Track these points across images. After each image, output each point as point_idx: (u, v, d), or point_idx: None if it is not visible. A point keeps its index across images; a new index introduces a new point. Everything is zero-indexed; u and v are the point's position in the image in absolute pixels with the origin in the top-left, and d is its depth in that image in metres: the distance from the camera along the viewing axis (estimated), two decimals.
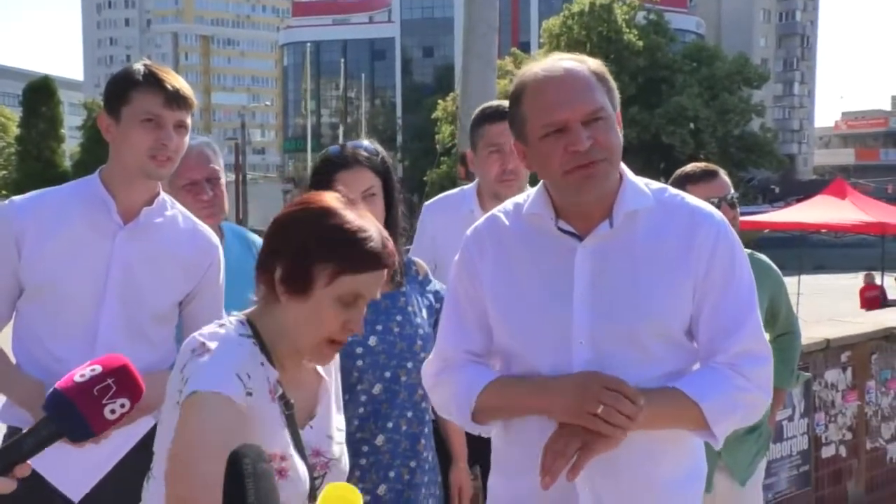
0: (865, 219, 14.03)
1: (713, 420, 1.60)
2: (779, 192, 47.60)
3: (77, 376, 1.14)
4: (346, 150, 2.14)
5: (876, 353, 4.54)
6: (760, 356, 1.66)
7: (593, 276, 1.63)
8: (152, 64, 2.06)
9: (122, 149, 2.02)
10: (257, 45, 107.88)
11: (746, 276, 1.68)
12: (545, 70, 1.63)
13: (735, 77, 41.58)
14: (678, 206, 1.68)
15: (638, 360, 1.61)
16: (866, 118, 78.04)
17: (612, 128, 1.61)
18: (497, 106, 2.71)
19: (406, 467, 2.11)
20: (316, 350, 1.46)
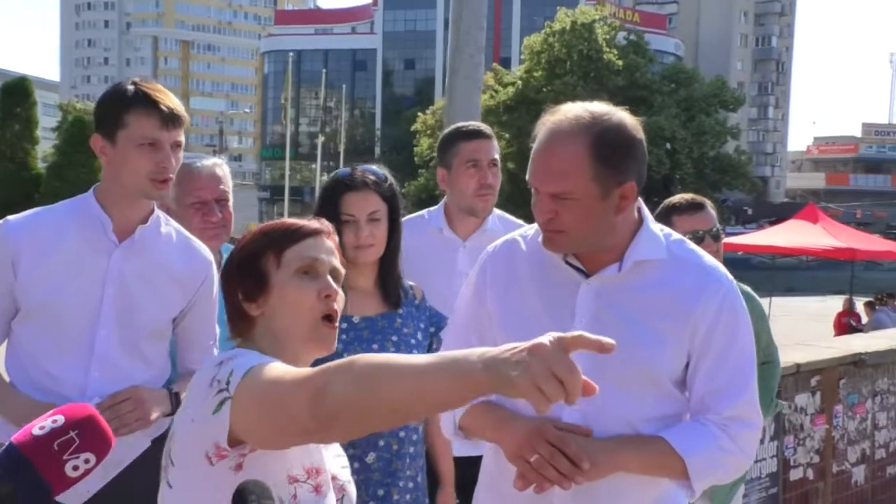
0: (836, 244, 14.26)
1: (695, 475, 1.65)
2: (752, 213, 48.23)
3: (36, 428, 1.02)
4: (355, 173, 2.20)
5: (844, 378, 4.65)
6: (751, 422, 1.69)
7: (593, 314, 1.67)
8: (142, 82, 2.05)
9: (121, 171, 2.02)
10: (238, 51, 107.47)
11: (748, 344, 1.70)
12: (544, 132, 1.63)
13: (712, 99, 42.11)
14: (691, 263, 1.70)
15: (624, 401, 1.65)
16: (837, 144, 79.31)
17: (576, 208, 1.59)
18: (474, 125, 2.85)
19: (395, 487, 2.15)
20: (312, 335, 1.45)
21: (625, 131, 1.61)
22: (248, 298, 1.46)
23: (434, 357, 1.15)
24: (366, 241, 2.16)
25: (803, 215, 15.56)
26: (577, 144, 1.58)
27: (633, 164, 1.63)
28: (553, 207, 1.62)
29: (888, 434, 4.99)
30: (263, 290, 1.45)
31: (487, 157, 2.74)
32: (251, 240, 1.50)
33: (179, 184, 2.38)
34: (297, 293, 1.44)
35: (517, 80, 41.35)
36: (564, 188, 1.60)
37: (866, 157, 74.80)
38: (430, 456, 2.32)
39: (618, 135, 1.61)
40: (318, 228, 1.51)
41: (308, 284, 1.45)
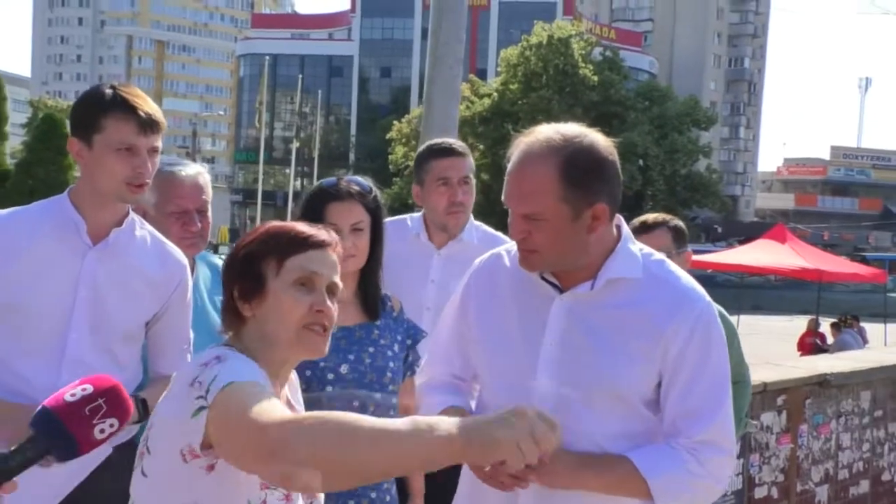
0: (804, 264, 14.50)
1: (658, 498, 1.64)
2: (721, 231, 48.82)
3: (68, 395, 1.13)
4: (340, 184, 2.21)
5: (810, 398, 4.70)
6: (722, 448, 1.68)
7: (565, 330, 1.68)
8: (120, 86, 2.04)
9: (97, 175, 2.01)
10: (213, 53, 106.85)
11: (723, 367, 1.69)
12: (517, 154, 1.66)
13: (684, 118, 42.61)
14: (667, 283, 1.69)
15: (591, 418, 1.66)
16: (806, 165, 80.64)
17: (547, 228, 1.62)
18: (447, 143, 2.88)
19: (367, 498, 2.14)
20: (297, 341, 1.46)
21: (595, 153, 1.63)
22: (243, 298, 1.47)
23: (408, 424, 1.19)
24: (348, 252, 2.15)
25: (772, 235, 15.80)
26: (546, 166, 1.61)
27: (604, 185, 1.64)
28: (526, 227, 1.64)
29: (851, 455, 5.06)
30: (258, 294, 1.46)
31: (458, 174, 2.77)
32: (256, 239, 1.51)
33: (161, 191, 2.37)
34: (290, 304, 1.46)
35: (493, 91, 41.55)
36: (534, 209, 1.62)
37: (834, 179, 76.15)
38: None
39: (587, 157, 1.62)
40: (325, 241, 1.51)
41: (303, 297, 1.46)
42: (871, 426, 5.20)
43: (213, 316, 2.51)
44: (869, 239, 56.67)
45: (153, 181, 2.38)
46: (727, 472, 1.72)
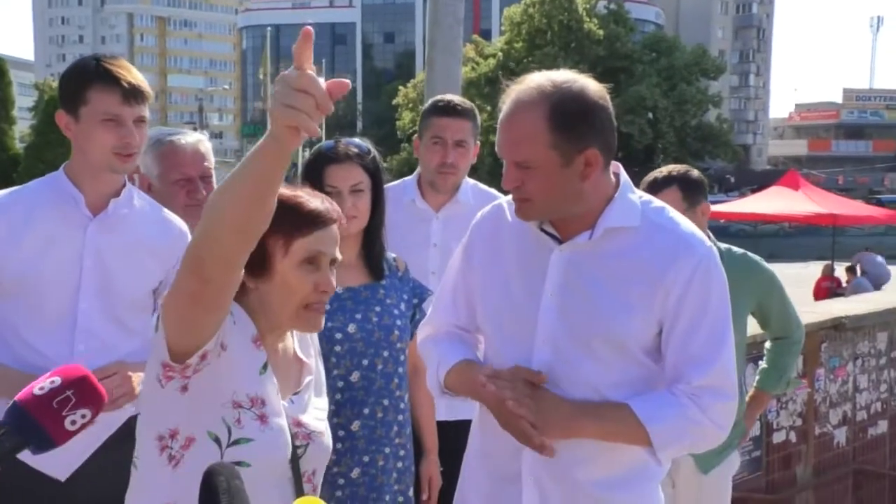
0: (818, 210, 14.37)
1: (658, 444, 1.65)
2: (734, 181, 48.47)
3: (36, 389, 1.16)
4: (338, 146, 2.22)
5: (826, 341, 4.70)
6: (723, 393, 1.68)
7: (564, 281, 1.69)
8: (105, 57, 2.06)
9: (86, 147, 2.04)
10: (215, 27, 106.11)
11: (723, 312, 1.69)
12: (508, 103, 1.67)
13: (693, 68, 42.11)
14: (666, 230, 1.68)
15: (592, 365, 1.67)
16: (818, 110, 79.62)
17: (539, 176, 1.62)
18: (448, 101, 2.81)
19: (381, 453, 2.18)
20: (297, 318, 1.51)
21: (585, 98, 1.62)
22: (248, 272, 1.47)
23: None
24: (349, 213, 2.17)
25: (785, 182, 15.64)
26: (534, 113, 1.60)
27: (595, 131, 1.63)
28: (518, 176, 1.65)
29: (869, 396, 5.07)
30: (265, 272, 1.48)
31: (454, 136, 2.73)
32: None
33: (163, 161, 2.39)
34: (296, 283, 1.49)
35: (498, 51, 41.16)
36: (524, 157, 1.63)
37: (847, 123, 75.19)
38: (414, 425, 2.35)
39: (576, 102, 1.61)
40: (332, 218, 1.53)
41: (308, 276, 1.50)
42: (888, 367, 5.20)
43: None
44: (884, 181, 56.08)
45: (155, 153, 2.41)
46: (729, 417, 1.71)
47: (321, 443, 1.58)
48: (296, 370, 1.61)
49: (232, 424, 1.43)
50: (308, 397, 1.60)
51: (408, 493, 2.26)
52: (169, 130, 2.50)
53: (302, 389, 1.59)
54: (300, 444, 1.52)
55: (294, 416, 1.53)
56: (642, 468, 1.72)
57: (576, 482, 1.69)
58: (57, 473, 2.02)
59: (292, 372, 1.59)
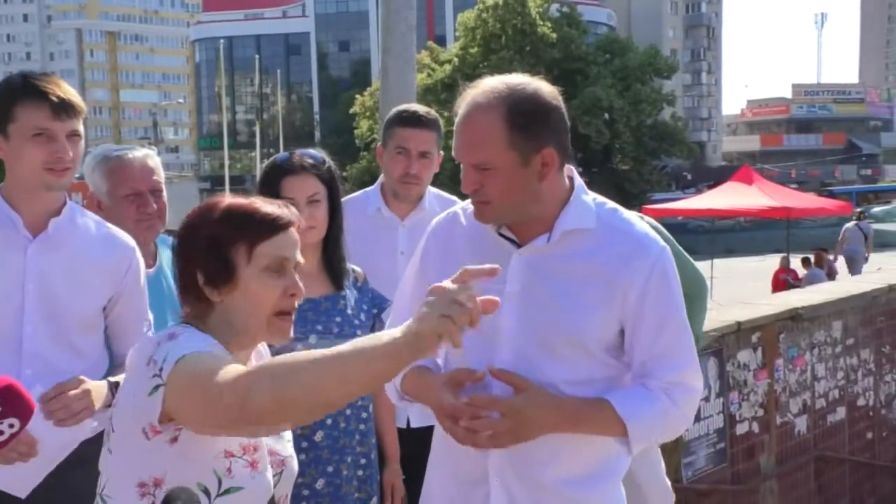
0: (771, 203, 14.64)
1: (634, 438, 1.70)
2: (690, 178, 49.17)
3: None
4: (293, 157, 2.22)
5: (783, 332, 4.80)
6: (693, 388, 1.75)
7: (524, 284, 1.71)
8: (32, 74, 2.02)
9: (16, 165, 1.99)
10: (167, 41, 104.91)
11: (682, 308, 1.74)
12: (463, 106, 1.68)
13: (646, 68, 42.58)
14: (621, 232, 1.72)
15: (554, 366, 1.69)
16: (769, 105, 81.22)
17: (498, 177, 1.64)
18: (413, 112, 2.81)
19: (344, 463, 2.18)
20: (269, 327, 1.49)
21: (539, 99, 1.66)
22: (211, 284, 1.45)
23: (352, 342, 1.25)
24: (305, 224, 2.16)
25: (738, 177, 15.92)
26: (492, 115, 1.63)
27: (551, 130, 1.67)
28: (477, 178, 1.66)
29: (826, 384, 5.18)
30: (229, 282, 1.45)
31: (418, 147, 2.73)
32: (219, 221, 1.47)
33: (111, 176, 2.36)
34: (263, 290, 1.46)
35: (453, 57, 41.26)
36: (484, 158, 1.64)
37: (797, 117, 76.81)
38: (376, 433, 2.34)
39: (531, 103, 1.64)
40: (291, 221, 1.50)
41: (275, 282, 1.47)
42: (843, 354, 5.32)
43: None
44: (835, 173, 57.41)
45: (102, 169, 2.37)
46: (695, 408, 1.78)
47: (292, 466, 1.57)
48: None
49: (223, 475, 1.40)
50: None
51: (370, 501, 2.26)
52: (116, 147, 2.47)
53: None
54: (275, 473, 1.50)
55: (269, 444, 1.51)
56: (605, 464, 1.76)
57: (542, 481, 1.71)
58: (17, 491, 1.98)
59: None
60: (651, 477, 2.83)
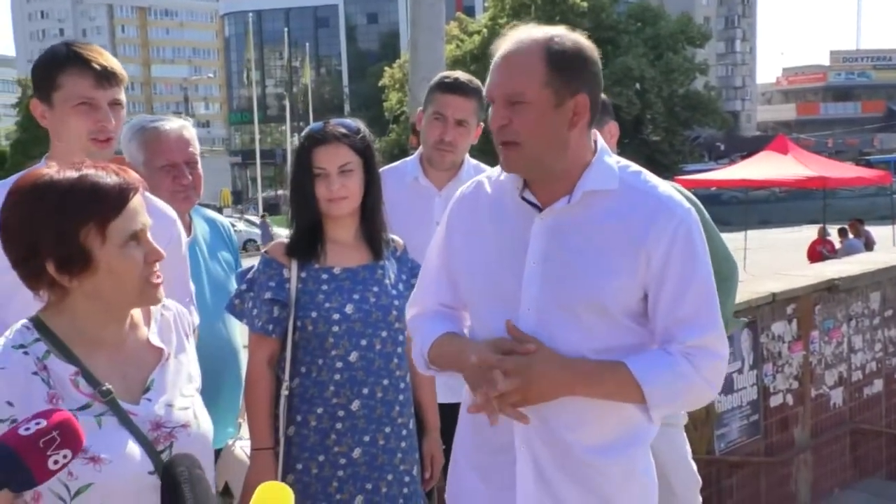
0: (807, 173, 14.41)
1: (652, 403, 1.66)
2: (724, 149, 48.45)
3: (21, 429, 1.17)
4: (326, 127, 2.21)
5: (819, 304, 4.73)
6: (716, 353, 1.69)
7: (546, 248, 1.69)
8: (75, 42, 2.04)
9: (61, 133, 2.02)
10: (196, 15, 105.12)
11: (709, 271, 1.69)
12: (503, 44, 1.68)
13: (678, 36, 41.90)
14: (644, 192, 1.69)
15: (577, 332, 1.67)
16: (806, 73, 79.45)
17: (530, 113, 1.62)
18: (455, 78, 2.81)
19: (381, 433, 2.19)
20: (141, 296, 1.45)
21: (579, 45, 1.66)
22: (64, 271, 1.39)
23: None
24: (337, 194, 2.16)
25: (774, 147, 15.67)
26: (532, 50, 1.63)
27: (587, 77, 1.66)
28: (507, 114, 1.65)
29: (864, 356, 5.11)
30: (86, 268, 1.39)
31: (455, 114, 2.73)
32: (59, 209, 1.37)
33: (147, 147, 2.37)
34: (127, 264, 1.41)
35: (482, 27, 40.87)
36: (518, 89, 1.63)
37: (835, 85, 75.09)
38: (416, 404, 2.36)
39: (573, 46, 1.65)
40: (130, 186, 1.42)
41: (134, 252, 1.42)
42: (881, 326, 5.24)
43: (216, 268, 2.53)
44: (874, 142, 56.12)
45: (139, 140, 2.39)
46: (721, 375, 1.73)
47: (189, 434, 1.49)
48: (152, 360, 1.52)
49: (66, 480, 1.34)
50: (168, 389, 1.51)
51: (413, 471, 2.27)
52: (152, 118, 2.49)
53: (157, 384, 1.50)
54: (163, 448, 1.44)
55: (150, 419, 1.45)
56: (633, 432, 1.74)
57: (568, 448, 1.70)
58: None
59: (147, 363, 1.51)
60: (676, 460, 2.78)
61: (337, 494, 2.14)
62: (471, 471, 1.83)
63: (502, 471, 1.74)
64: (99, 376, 1.43)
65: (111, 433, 1.40)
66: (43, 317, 1.45)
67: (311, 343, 2.17)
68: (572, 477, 1.71)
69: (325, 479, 2.15)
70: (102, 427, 1.40)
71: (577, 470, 1.71)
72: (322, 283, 2.19)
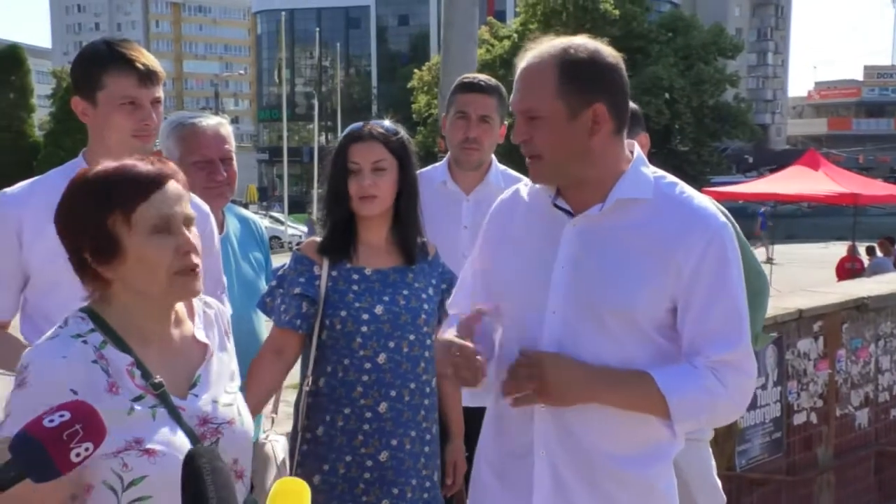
0: (839, 189, 14.22)
1: (676, 417, 1.65)
2: (752, 161, 48.01)
3: (46, 421, 1.18)
4: (365, 126, 2.24)
5: (847, 322, 4.66)
6: (745, 370, 1.67)
7: (576, 253, 1.69)
8: (115, 40, 2.07)
9: (104, 131, 2.05)
10: (229, 12, 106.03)
11: (740, 287, 1.66)
12: (523, 58, 1.70)
13: (710, 47, 41.59)
14: (678, 203, 1.67)
15: (602, 341, 1.66)
16: (839, 88, 78.53)
17: (546, 127, 1.63)
18: (473, 78, 2.87)
19: (407, 436, 2.19)
20: (171, 289, 1.43)
21: (596, 55, 1.66)
22: (99, 260, 1.40)
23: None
24: (368, 191, 2.17)
25: (804, 161, 15.47)
26: (546, 63, 1.64)
27: (602, 85, 1.65)
28: (527, 129, 1.66)
29: (891, 377, 5.03)
30: (116, 256, 1.39)
31: (477, 111, 2.76)
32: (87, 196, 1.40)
33: (183, 143, 2.40)
34: (153, 254, 1.40)
35: (513, 33, 40.85)
36: (531, 105, 1.64)
37: (869, 100, 74.12)
38: (441, 409, 2.36)
39: (587, 56, 1.64)
40: (163, 174, 1.42)
41: (164, 242, 1.41)
42: None
43: (245, 267, 2.54)
44: None
45: (176, 136, 2.41)
46: (748, 394, 1.71)
47: (234, 431, 1.50)
48: (198, 355, 1.53)
49: (121, 471, 1.37)
50: (212, 385, 1.52)
51: (433, 477, 2.27)
52: (190, 114, 2.52)
53: (203, 377, 1.51)
54: (210, 442, 1.46)
55: (197, 413, 1.46)
56: (656, 446, 1.72)
57: (588, 454, 1.69)
58: None
59: (193, 358, 1.52)
60: (701, 476, 2.74)
61: (363, 497, 2.14)
62: (492, 476, 1.82)
63: (522, 475, 1.73)
64: (150, 369, 1.44)
65: (164, 426, 1.42)
66: (95, 308, 1.46)
67: (338, 342, 2.17)
68: (591, 486, 1.70)
69: (352, 481, 2.15)
70: (156, 419, 1.42)
71: (597, 479, 1.70)
72: (353, 282, 2.20)
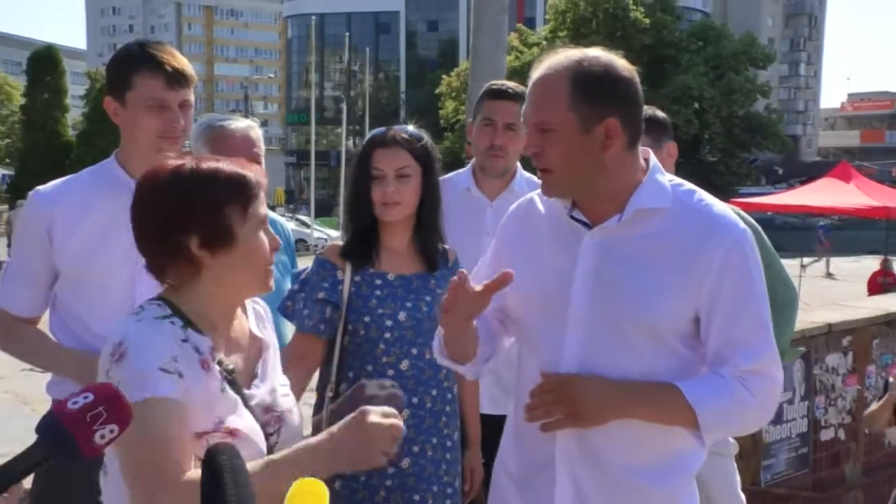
0: (871, 203, 14.03)
1: (705, 428, 1.62)
2: (782, 173, 47.45)
3: (70, 403, 1.19)
4: (389, 131, 2.24)
5: (877, 337, 4.59)
6: (771, 377, 1.66)
7: (595, 266, 1.66)
8: (149, 42, 2.09)
9: (133, 132, 2.08)
10: (261, 16, 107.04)
11: (763, 294, 1.65)
12: (537, 69, 1.68)
13: (741, 57, 41.23)
14: (697, 211, 1.66)
15: (625, 353, 1.64)
16: (872, 100, 77.50)
17: (557, 140, 1.61)
18: (501, 85, 2.85)
19: (429, 443, 2.19)
20: (264, 281, 1.54)
21: (610, 68, 1.63)
22: (207, 248, 1.47)
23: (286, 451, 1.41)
24: (391, 198, 2.17)
25: (836, 174, 15.29)
26: (559, 75, 1.62)
27: (616, 99, 1.62)
28: (539, 141, 1.65)
29: None
30: (229, 244, 1.48)
31: (504, 118, 2.75)
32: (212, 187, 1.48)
33: (212, 145, 2.42)
34: (259, 246, 1.51)
35: (542, 40, 40.79)
36: (543, 117, 1.63)
37: None
38: (459, 417, 2.34)
39: (600, 69, 1.62)
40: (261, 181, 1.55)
41: (264, 237, 1.53)
42: None
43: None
44: None
45: (206, 138, 2.44)
46: (775, 400, 1.69)
47: (291, 421, 1.58)
48: (254, 348, 1.60)
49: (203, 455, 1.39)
50: (272, 376, 1.60)
51: (455, 484, 2.26)
52: (220, 116, 2.54)
53: (262, 368, 1.58)
54: (272, 431, 1.52)
55: (263, 402, 1.53)
56: (679, 459, 1.70)
57: (610, 469, 1.67)
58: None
59: (251, 352, 1.59)
60: (724, 490, 2.72)
61: (384, 503, 2.14)
62: (513, 489, 1.80)
63: (543, 489, 1.72)
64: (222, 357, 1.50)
65: (242, 410, 1.47)
66: (166, 297, 1.52)
67: (361, 348, 2.17)
68: (613, 500, 1.68)
69: (373, 487, 2.15)
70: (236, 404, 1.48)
71: (619, 493, 1.68)
72: (376, 287, 2.20)
